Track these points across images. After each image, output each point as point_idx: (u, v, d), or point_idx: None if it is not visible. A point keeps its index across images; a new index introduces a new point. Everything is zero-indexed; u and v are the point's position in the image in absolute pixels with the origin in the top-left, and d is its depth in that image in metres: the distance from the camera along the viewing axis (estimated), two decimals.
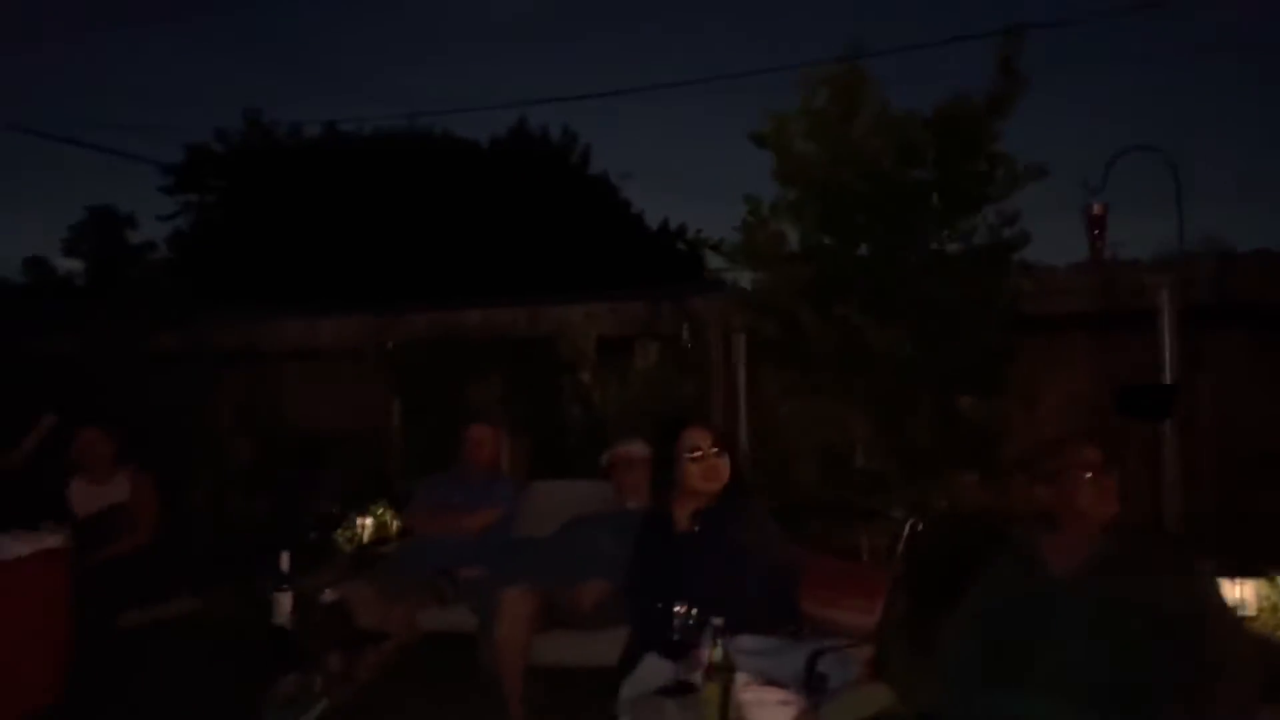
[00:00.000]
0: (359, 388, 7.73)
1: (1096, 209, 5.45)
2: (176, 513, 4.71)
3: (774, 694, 2.48)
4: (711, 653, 2.37)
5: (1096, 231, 5.43)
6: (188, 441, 7.63)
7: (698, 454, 3.21)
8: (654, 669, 2.68)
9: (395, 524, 6.49)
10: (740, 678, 2.43)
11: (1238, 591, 3.60)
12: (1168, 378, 5.07)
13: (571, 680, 3.63)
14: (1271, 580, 3.66)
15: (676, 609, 2.64)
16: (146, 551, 4.19)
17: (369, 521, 6.72)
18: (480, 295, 10.09)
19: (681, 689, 2.52)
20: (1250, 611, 3.59)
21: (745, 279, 5.00)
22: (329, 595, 3.54)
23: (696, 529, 3.19)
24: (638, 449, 4.15)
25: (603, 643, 3.57)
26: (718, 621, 2.42)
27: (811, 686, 2.65)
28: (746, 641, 2.68)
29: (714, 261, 5.06)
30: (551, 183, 21.78)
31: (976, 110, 4.55)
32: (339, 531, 6.72)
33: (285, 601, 3.38)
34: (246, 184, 19.43)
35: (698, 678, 2.44)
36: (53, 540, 3.39)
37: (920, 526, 3.56)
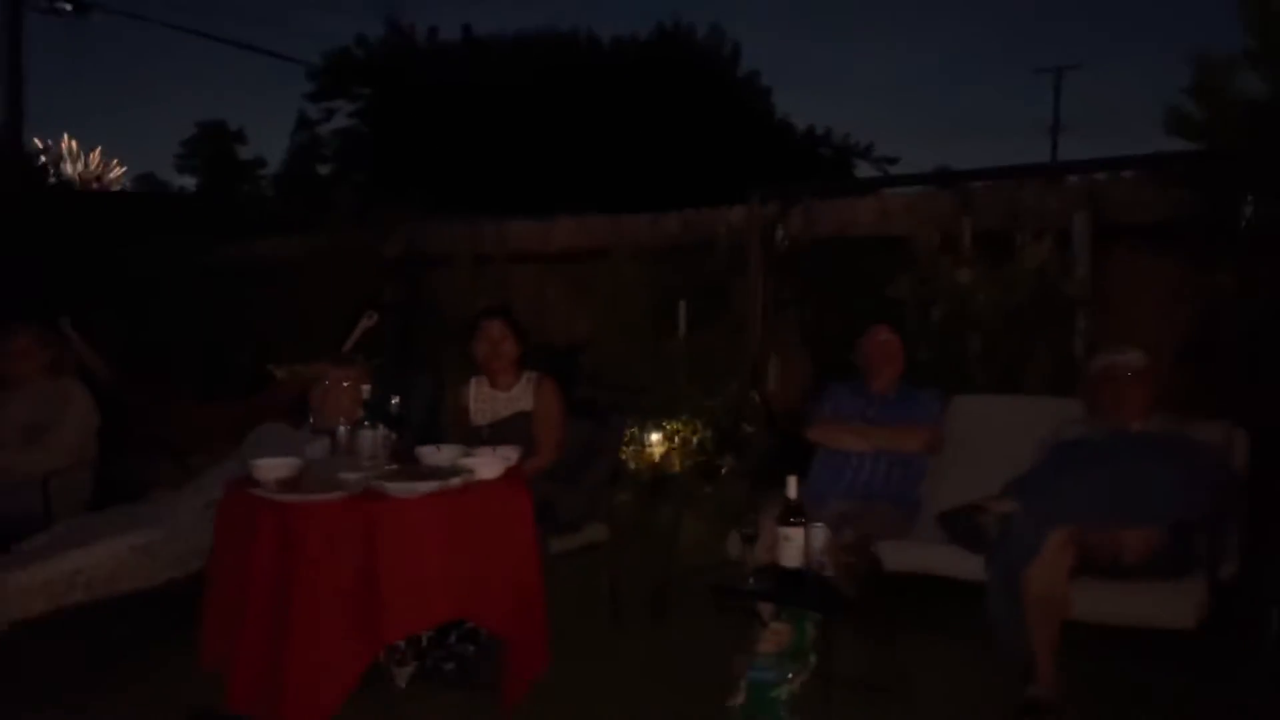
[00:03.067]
0: (606, 293, 7.12)
1: None
2: None
3: None
4: None
5: None
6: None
7: None
8: None
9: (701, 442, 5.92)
10: None
11: None
12: None
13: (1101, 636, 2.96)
14: None
15: None
16: (558, 470, 3.48)
17: (658, 437, 6.13)
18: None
19: None
20: None
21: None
22: (849, 534, 2.88)
23: None
24: (1136, 359, 3.38)
25: (1148, 596, 2.93)
26: None
27: None
28: None
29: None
30: (697, 86, 20.74)
31: None
32: (624, 449, 6.12)
33: (797, 538, 2.74)
34: (391, 92, 18.87)
35: None
36: (513, 455, 2.77)
37: None
